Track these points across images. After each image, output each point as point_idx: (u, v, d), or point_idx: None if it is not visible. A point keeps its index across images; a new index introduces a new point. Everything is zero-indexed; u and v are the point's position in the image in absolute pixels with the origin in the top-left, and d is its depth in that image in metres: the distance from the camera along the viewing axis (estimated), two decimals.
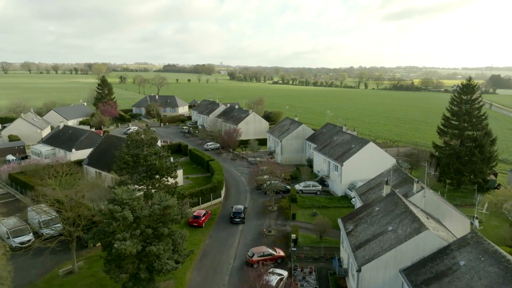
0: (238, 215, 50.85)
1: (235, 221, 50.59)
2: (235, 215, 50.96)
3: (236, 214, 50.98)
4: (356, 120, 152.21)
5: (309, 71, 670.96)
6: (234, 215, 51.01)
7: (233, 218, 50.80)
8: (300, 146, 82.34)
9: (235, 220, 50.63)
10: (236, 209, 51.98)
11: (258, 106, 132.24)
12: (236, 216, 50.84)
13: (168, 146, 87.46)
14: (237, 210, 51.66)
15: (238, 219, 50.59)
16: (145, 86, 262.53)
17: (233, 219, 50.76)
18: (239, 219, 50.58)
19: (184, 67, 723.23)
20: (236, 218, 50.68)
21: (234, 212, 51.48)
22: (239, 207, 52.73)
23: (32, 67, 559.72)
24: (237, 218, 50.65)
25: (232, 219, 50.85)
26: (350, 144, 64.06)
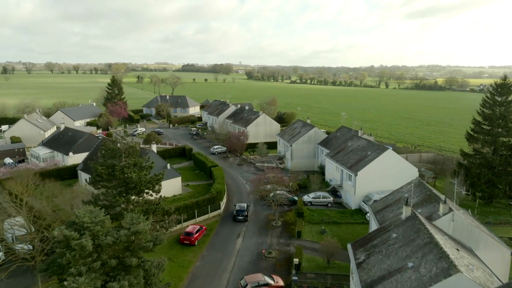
0: (241, 213, 50.35)
1: (238, 219, 50.10)
2: (238, 213, 50.38)
3: (239, 212, 50.46)
4: (375, 122, 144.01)
5: (328, 70, 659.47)
6: (237, 213, 50.43)
7: (236, 216, 50.24)
8: (312, 151, 75.94)
9: (238, 218, 50.12)
10: (239, 207, 51.48)
11: (271, 106, 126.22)
12: (239, 214, 50.33)
13: (172, 150, 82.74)
14: (240, 208, 51.15)
15: (241, 217, 50.11)
16: (160, 86, 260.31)
17: (236, 217, 50.25)
18: (242, 217, 50.08)
19: (202, 66, 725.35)
20: (239, 216, 50.17)
21: (237, 210, 50.89)
22: (242, 204, 52.34)
23: (54, 67, 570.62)
24: (240, 216, 50.14)
25: (235, 217, 50.30)
26: (366, 151, 57.31)
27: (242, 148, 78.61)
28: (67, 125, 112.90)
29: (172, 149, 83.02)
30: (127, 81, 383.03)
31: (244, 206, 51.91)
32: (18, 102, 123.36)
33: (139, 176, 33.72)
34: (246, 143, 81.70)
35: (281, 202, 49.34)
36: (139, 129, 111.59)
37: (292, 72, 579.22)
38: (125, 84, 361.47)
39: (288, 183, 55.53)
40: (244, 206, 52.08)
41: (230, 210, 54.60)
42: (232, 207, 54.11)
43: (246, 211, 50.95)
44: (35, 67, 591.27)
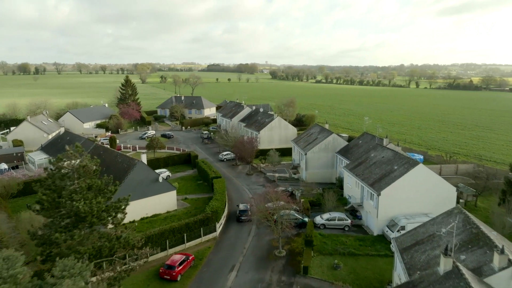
0: (243, 213, 49.73)
1: (242, 219, 49.43)
2: (241, 213, 49.80)
3: (242, 212, 49.84)
4: (403, 125, 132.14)
5: (356, 69, 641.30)
6: (240, 213, 49.90)
7: (240, 217, 49.63)
8: (330, 160, 66.91)
9: (241, 219, 49.46)
10: (243, 207, 50.92)
11: (289, 108, 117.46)
12: (242, 214, 49.69)
13: (176, 156, 75.87)
14: (244, 208, 50.43)
15: (245, 217, 49.41)
16: (180, 86, 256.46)
17: (239, 218, 49.61)
18: (246, 217, 49.39)
19: (228, 66, 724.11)
20: (242, 217, 49.53)
21: (240, 210, 50.37)
22: (245, 205, 51.57)
23: (83, 67, 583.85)
24: (243, 217, 49.48)
25: (239, 217, 49.70)
26: (392, 165, 47.89)
27: (252, 156, 70.54)
28: (76, 128, 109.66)
29: (176, 155, 76.18)
30: (151, 81, 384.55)
31: (247, 206, 50.80)
32: (29, 103, 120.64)
33: (90, 204, 26.19)
34: (257, 149, 73.76)
35: (286, 227, 40.72)
36: (148, 132, 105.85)
37: (318, 72, 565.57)
38: (148, 84, 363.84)
39: (299, 201, 47.02)
40: (247, 206, 51.01)
41: (228, 231, 46.82)
42: (228, 238, 46.28)
43: (249, 211, 49.64)
44: (65, 68, 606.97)
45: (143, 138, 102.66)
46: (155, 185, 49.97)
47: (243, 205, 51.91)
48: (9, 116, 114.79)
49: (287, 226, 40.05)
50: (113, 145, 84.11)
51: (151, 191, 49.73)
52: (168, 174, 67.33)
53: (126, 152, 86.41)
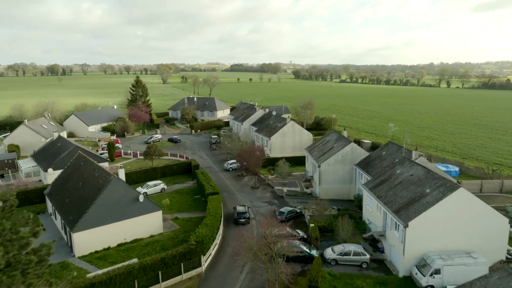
0: (242, 215, 48.02)
1: (240, 221, 47.54)
2: (239, 216, 47.96)
3: (241, 215, 48.11)
4: (434, 129, 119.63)
5: (382, 68, 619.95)
6: (238, 216, 47.98)
7: (238, 219, 47.66)
8: (348, 174, 57.41)
9: (240, 221, 47.54)
10: (239, 210, 48.95)
11: (307, 110, 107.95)
12: (240, 217, 47.88)
13: (175, 165, 68.31)
14: (241, 211, 48.74)
15: (243, 219, 47.65)
16: (198, 86, 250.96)
17: (238, 220, 47.64)
18: (244, 219, 47.70)
19: (251, 66, 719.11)
20: (241, 219, 47.65)
21: (238, 212, 48.50)
22: (241, 207, 49.78)
23: (108, 68, 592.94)
24: (242, 219, 47.67)
25: (237, 219, 47.68)
26: (423, 187, 38.12)
27: (257, 167, 61.88)
28: (81, 131, 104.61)
29: (175, 164, 68.60)
30: (172, 81, 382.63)
31: (244, 208, 49.31)
32: (37, 103, 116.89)
33: None
34: (265, 159, 65.08)
35: (285, 268, 31.86)
36: (154, 136, 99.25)
37: (343, 71, 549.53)
38: (169, 84, 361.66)
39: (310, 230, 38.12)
40: (244, 208, 49.44)
41: (219, 266, 38.46)
42: (217, 275, 37.96)
43: (247, 212, 48.72)
44: (91, 69, 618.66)
45: (148, 143, 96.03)
46: (135, 205, 42.33)
47: (241, 206, 50.01)
48: (16, 118, 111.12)
49: (285, 272, 31.04)
50: (111, 151, 77.65)
51: (131, 212, 42.15)
52: (163, 186, 59.90)
53: (126, 159, 79.97)
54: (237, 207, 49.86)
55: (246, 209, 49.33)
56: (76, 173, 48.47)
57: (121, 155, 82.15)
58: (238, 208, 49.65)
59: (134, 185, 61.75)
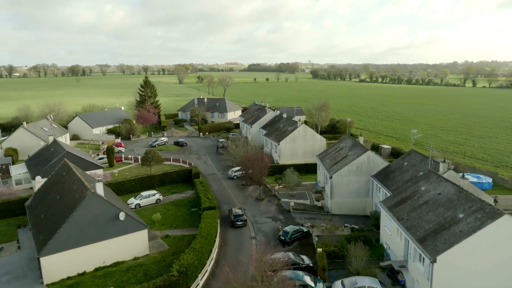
0: (239, 218, 46.32)
1: (238, 224, 46.02)
2: (236, 219, 46.28)
3: (237, 217, 46.39)
4: (461, 133, 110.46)
5: (404, 67, 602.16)
6: (235, 219, 46.30)
7: (235, 222, 46.09)
8: (363, 186, 50.65)
9: (237, 224, 46.03)
10: (235, 213, 47.21)
11: (321, 112, 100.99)
12: (237, 219, 46.20)
13: (174, 173, 63.00)
14: (237, 213, 47.03)
15: (240, 222, 46.10)
16: (213, 86, 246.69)
17: (235, 223, 46.04)
18: (241, 222, 46.18)
19: (269, 66, 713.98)
20: (238, 222, 46.09)
21: (235, 215, 46.82)
22: (237, 210, 48.00)
23: (126, 69, 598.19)
24: (239, 222, 46.12)
25: (234, 222, 46.06)
26: (455, 210, 31.18)
27: (262, 176, 55.73)
28: (85, 133, 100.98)
29: (174, 171, 63.26)
30: (188, 81, 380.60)
31: (240, 211, 47.60)
32: (43, 104, 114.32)
33: None
34: (269, 166, 58.84)
35: None
36: (160, 139, 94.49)
37: (362, 70, 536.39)
38: (185, 84, 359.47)
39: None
40: (240, 211, 47.72)
41: None
42: None
43: (244, 214, 47.00)
44: (110, 69, 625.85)
45: (153, 146, 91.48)
46: (115, 224, 37.02)
47: (237, 209, 48.22)
48: (22, 120, 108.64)
49: None
50: (110, 156, 73.12)
51: (110, 232, 36.87)
52: (158, 197, 54.64)
53: (126, 165, 75.33)
54: (233, 210, 48.19)
55: (242, 211, 47.61)
56: (57, 185, 43.67)
57: (122, 160, 77.60)
58: (234, 210, 47.99)
59: (128, 195, 57.08)
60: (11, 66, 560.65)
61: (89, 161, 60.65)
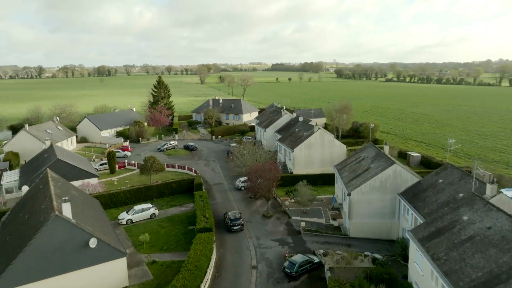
0: (235, 222, 44.13)
1: (234, 229, 43.86)
2: (232, 223, 43.99)
3: (234, 221, 44.13)
4: (501, 138, 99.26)
5: (433, 66, 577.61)
6: (231, 223, 44.02)
7: (232, 226, 43.87)
8: (389, 205, 42.76)
9: (233, 228, 43.85)
10: (232, 216, 45.07)
11: (343, 115, 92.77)
12: (234, 224, 43.95)
13: (174, 183, 56.96)
14: (234, 217, 44.82)
15: (237, 227, 44.03)
16: (233, 87, 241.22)
17: (231, 228, 43.83)
18: (238, 226, 44.11)
19: (292, 65, 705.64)
20: (234, 226, 43.95)
21: (231, 219, 44.56)
22: (234, 213, 46.08)
23: (150, 69, 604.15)
24: (236, 226, 44.01)
25: (231, 227, 43.86)
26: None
27: (270, 190, 48.74)
28: (93, 136, 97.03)
29: (175, 182, 57.14)
30: (210, 81, 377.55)
31: (237, 214, 45.88)
32: (54, 105, 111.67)
33: None
34: (279, 181, 51.63)
35: None
36: (169, 143, 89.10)
37: (389, 69, 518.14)
38: (206, 84, 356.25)
39: None
40: (236, 214, 45.83)
41: None
42: None
43: (241, 218, 45.24)
44: (135, 69, 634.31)
45: (161, 150, 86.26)
46: (86, 252, 31.11)
47: (232, 213, 46.18)
48: (33, 121, 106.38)
49: None
50: (111, 162, 68.10)
51: (79, 261, 30.99)
52: (153, 211, 48.70)
53: (129, 171, 70.14)
54: (229, 214, 46.02)
55: (239, 215, 45.74)
56: (31, 200, 38.38)
57: (125, 166, 72.53)
58: (230, 214, 45.72)
59: (123, 207, 51.57)
60: (40, 67, 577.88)
61: (82, 169, 55.52)
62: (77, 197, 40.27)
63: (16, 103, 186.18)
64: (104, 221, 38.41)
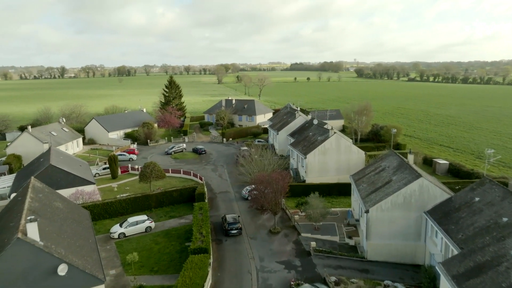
0: (233, 225, 42.21)
1: (232, 233, 41.97)
2: (230, 227, 42.12)
3: (232, 225, 42.23)
4: None
5: (458, 65, 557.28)
6: (229, 227, 42.11)
7: (229, 230, 41.92)
8: (413, 225, 36.84)
9: (231, 233, 41.95)
10: (230, 219, 43.25)
11: (362, 117, 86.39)
12: (232, 227, 42.06)
13: (175, 192, 52.42)
14: (232, 221, 42.96)
15: (235, 231, 42.09)
16: (249, 87, 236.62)
17: (229, 232, 41.93)
18: (236, 231, 42.15)
19: (312, 65, 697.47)
20: (232, 230, 41.99)
21: (229, 223, 42.60)
22: (233, 216, 44.46)
23: (168, 69, 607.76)
24: (233, 230, 42.05)
25: (228, 231, 41.93)
26: None
27: (277, 204, 43.49)
28: (101, 138, 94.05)
29: (175, 190, 52.57)
30: (227, 81, 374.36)
31: (235, 218, 43.97)
32: (64, 105, 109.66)
33: None
34: (287, 193, 46.29)
35: None
36: (177, 146, 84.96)
37: (412, 68, 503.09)
38: (223, 84, 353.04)
39: None
40: (235, 217, 44.16)
41: None
42: None
43: (239, 222, 43.09)
44: (154, 69, 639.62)
45: (169, 154, 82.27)
46: (55, 280, 26.72)
47: (230, 216, 44.57)
48: (43, 122, 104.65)
49: None
50: (112, 167, 64.36)
51: None
52: (149, 224, 44.32)
53: (132, 176, 66.25)
54: (227, 217, 44.43)
55: (237, 218, 44.05)
56: (7, 214, 34.45)
57: (128, 171, 68.76)
58: (228, 217, 44.13)
59: (118, 218, 47.51)
60: (63, 67, 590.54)
61: (77, 176, 51.71)
62: (61, 209, 36.19)
63: (32, 103, 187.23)
64: (87, 239, 34.08)
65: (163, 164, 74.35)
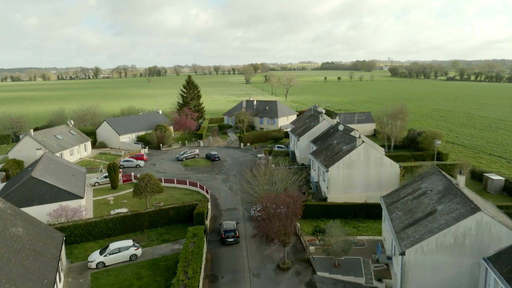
0: (230, 233, 39.55)
1: (228, 241, 39.39)
2: (227, 235, 39.46)
3: (229, 233, 39.57)
4: None
5: (502, 63, 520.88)
6: (225, 235, 39.48)
7: (225, 238, 39.39)
8: (467, 275, 27.21)
9: (227, 241, 39.40)
10: (227, 226, 40.60)
11: (396, 121, 75.77)
12: (228, 235, 39.41)
13: (171, 209, 44.99)
14: (229, 228, 40.30)
15: (231, 239, 39.40)
16: (276, 86, 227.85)
17: (225, 240, 39.38)
18: (233, 239, 39.42)
19: (343, 64, 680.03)
20: (229, 238, 39.40)
21: (226, 230, 39.93)
22: (231, 223, 41.59)
23: (198, 69, 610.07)
24: (230, 238, 39.40)
25: (224, 239, 39.38)
26: None
27: (287, 233, 34.88)
28: (112, 141, 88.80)
29: (172, 208, 44.97)
30: (255, 81, 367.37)
31: (233, 225, 40.89)
32: (79, 107, 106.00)
33: None
34: (298, 219, 37.61)
35: None
36: (189, 151, 78.05)
37: (450, 67, 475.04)
38: (251, 84, 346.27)
39: None
40: (233, 224, 41.09)
41: None
42: None
43: (237, 230, 39.98)
44: (184, 70, 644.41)
45: (180, 160, 75.57)
46: None
47: (228, 223, 41.60)
48: (57, 124, 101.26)
49: None
50: (112, 176, 58.15)
51: None
52: (134, 252, 37.09)
53: (132, 187, 59.61)
54: (224, 224, 41.70)
55: (235, 226, 41.11)
56: None
57: (131, 180, 62.42)
58: (225, 225, 41.30)
59: (103, 240, 40.78)
60: (97, 68, 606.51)
61: (62, 189, 45.47)
62: (18, 238, 29.75)
63: (58, 103, 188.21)
64: (41, 279, 27.20)
65: (171, 172, 67.85)
